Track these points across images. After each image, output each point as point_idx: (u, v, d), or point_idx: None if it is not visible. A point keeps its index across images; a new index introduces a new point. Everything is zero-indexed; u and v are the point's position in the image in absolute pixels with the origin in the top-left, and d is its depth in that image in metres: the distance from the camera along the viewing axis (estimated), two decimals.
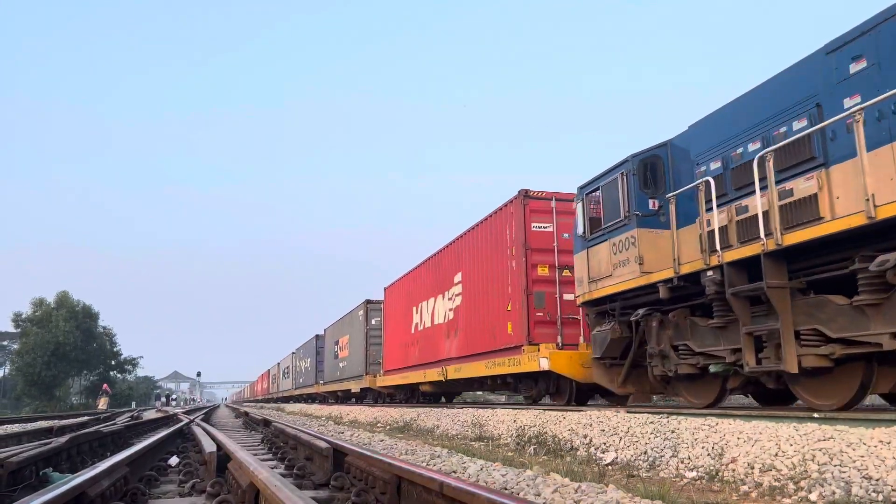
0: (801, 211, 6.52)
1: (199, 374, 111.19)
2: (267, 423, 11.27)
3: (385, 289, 23.08)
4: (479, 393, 23.28)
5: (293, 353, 43.88)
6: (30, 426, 13.62)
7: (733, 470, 4.86)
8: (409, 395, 21.00)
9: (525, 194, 12.51)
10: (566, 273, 11.92)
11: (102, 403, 44.23)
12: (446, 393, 19.94)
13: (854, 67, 6.18)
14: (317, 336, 34.98)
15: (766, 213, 6.63)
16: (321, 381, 32.86)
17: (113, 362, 64.66)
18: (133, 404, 60.66)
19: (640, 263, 8.81)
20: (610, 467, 6.00)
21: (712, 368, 7.74)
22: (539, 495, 4.12)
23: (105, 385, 52.17)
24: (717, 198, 7.34)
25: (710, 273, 7.33)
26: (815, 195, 6.41)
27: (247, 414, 18.00)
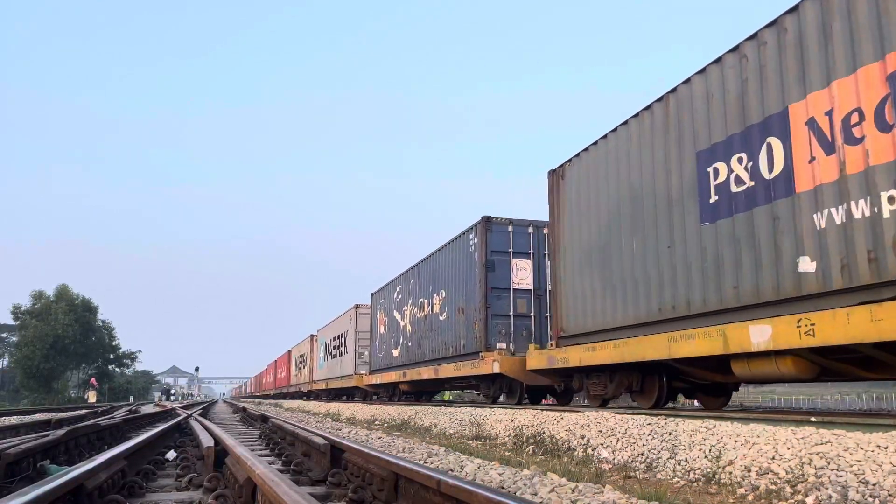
0: None
1: (197, 370, 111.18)
2: (265, 418, 11.28)
3: None
4: None
5: (359, 306, 24.99)
6: (28, 418, 13.64)
7: (730, 472, 4.86)
8: None
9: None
10: None
11: (91, 397, 44.93)
12: None
13: None
14: (487, 218, 14.27)
15: None
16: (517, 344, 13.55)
17: (111, 356, 64.79)
18: (131, 398, 60.70)
19: None
20: (607, 468, 6.00)
21: None
22: (536, 494, 4.13)
23: (93, 380, 52.57)
24: None
25: None
26: None
27: (244, 410, 18.02)
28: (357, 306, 25.27)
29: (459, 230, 15.34)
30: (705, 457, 5.25)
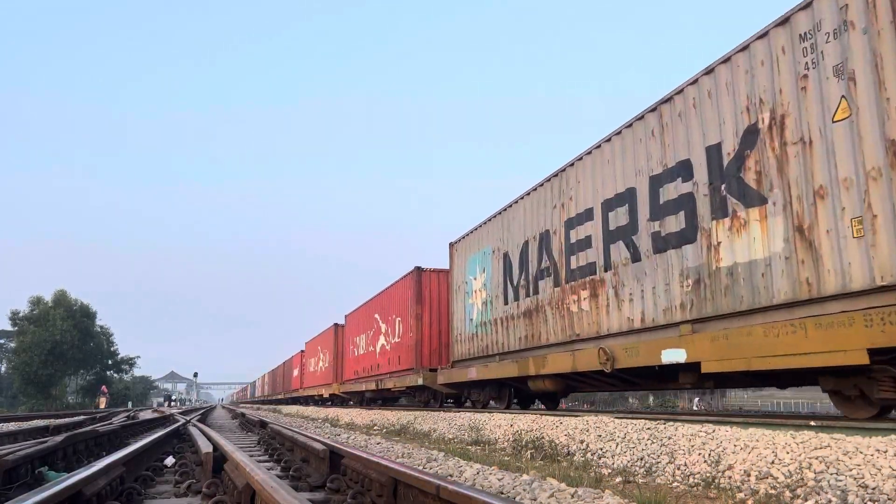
0: None
1: (195, 375, 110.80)
2: (263, 424, 11.26)
3: None
4: None
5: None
6: (26, 425, 13.60)
7: (730, 477, 4.86)
8: None
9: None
10: None
11: (102, 403, 45.37)
12: None
13: None
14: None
15: None
16: None
17: (110, 362, 64.57)
18: (129, 404, 60.52)
19: None
20: (606, 473, 6.00)
21: None
22: (535, 500, 4.12)
23: (103, 387, 52.74)
24: None
25: None
26: None
27: (243, 415, 17.99)
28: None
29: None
30: (705, 461, 5.25)
